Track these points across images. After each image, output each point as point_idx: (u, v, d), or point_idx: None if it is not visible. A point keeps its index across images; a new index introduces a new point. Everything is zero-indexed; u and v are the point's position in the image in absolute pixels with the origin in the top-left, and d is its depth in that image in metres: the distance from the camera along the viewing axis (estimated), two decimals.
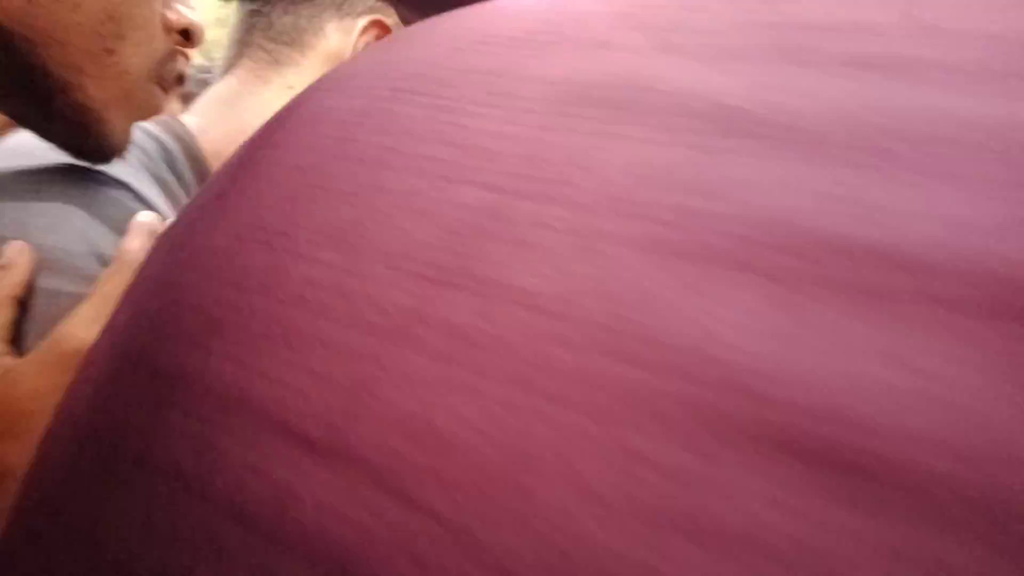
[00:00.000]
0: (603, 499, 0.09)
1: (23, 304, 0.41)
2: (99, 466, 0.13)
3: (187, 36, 0.48)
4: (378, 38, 0.62)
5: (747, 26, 0.15)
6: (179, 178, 0.55)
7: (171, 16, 0.46)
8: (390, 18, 0.63)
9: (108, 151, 0.46)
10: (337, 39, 0.61)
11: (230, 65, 0.62)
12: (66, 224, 0.42)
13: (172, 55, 0.47)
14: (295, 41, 0.60)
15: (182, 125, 0.57)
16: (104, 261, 0.43)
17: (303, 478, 0.11)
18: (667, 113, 0.13)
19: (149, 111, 0.47)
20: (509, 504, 0.10)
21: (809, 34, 0.14)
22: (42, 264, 0.41)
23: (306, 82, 0.54)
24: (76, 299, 0.41)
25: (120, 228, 0.44)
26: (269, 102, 0.57)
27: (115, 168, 0.48)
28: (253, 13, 0.63)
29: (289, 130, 0.17)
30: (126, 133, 0.46)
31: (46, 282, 0.41)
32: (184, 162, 0.55)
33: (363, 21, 0.62)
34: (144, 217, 0.44)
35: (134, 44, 0.43)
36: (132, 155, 0.51)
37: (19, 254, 0.41)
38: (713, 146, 0.12)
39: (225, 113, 0.59)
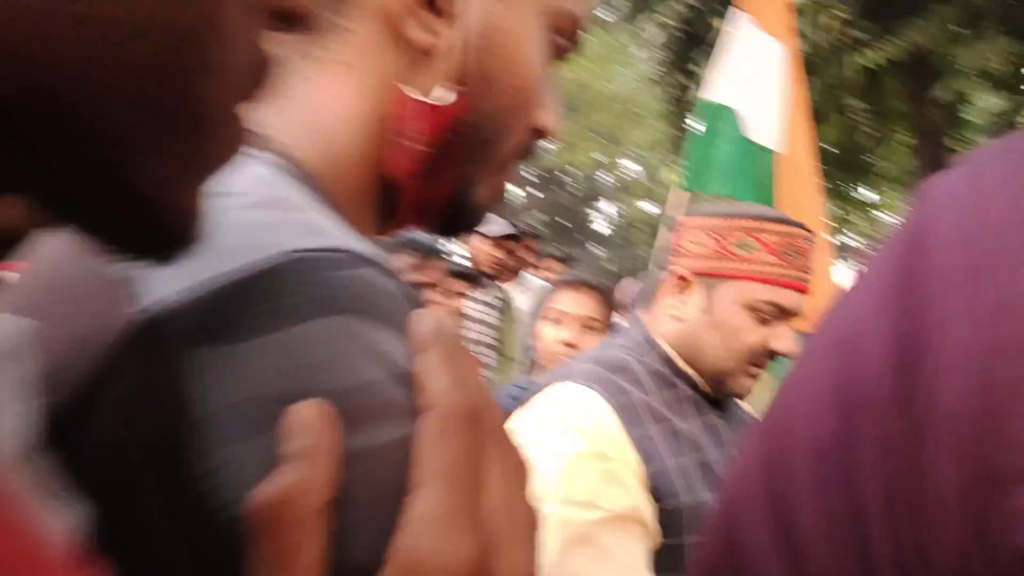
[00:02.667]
0: None
1: (341, 503, 0.26)
2: None
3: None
4: None
5: None
6: None
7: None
8: None
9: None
10: None
11: None
12: (350, 344, 0.29)
13: None
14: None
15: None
16: (408, 379, 0.30)
17: None
18: None
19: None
20: None
21: None
22: (345, 417, 0.27)
23: (361, 54, 0.43)
24: (403, 446, 0.28)
25: (399, 324, 0.31)
26: (324, 87, 0.42)
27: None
28: None
29: None
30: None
31: (356, 441, 0.27)
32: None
33: None
34: (424, 316, 0.32)
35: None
36: None
37: (314, 422, 0.26)
38: None
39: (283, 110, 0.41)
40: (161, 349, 0.28)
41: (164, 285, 0.29)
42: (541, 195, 16.69)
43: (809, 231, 1.06)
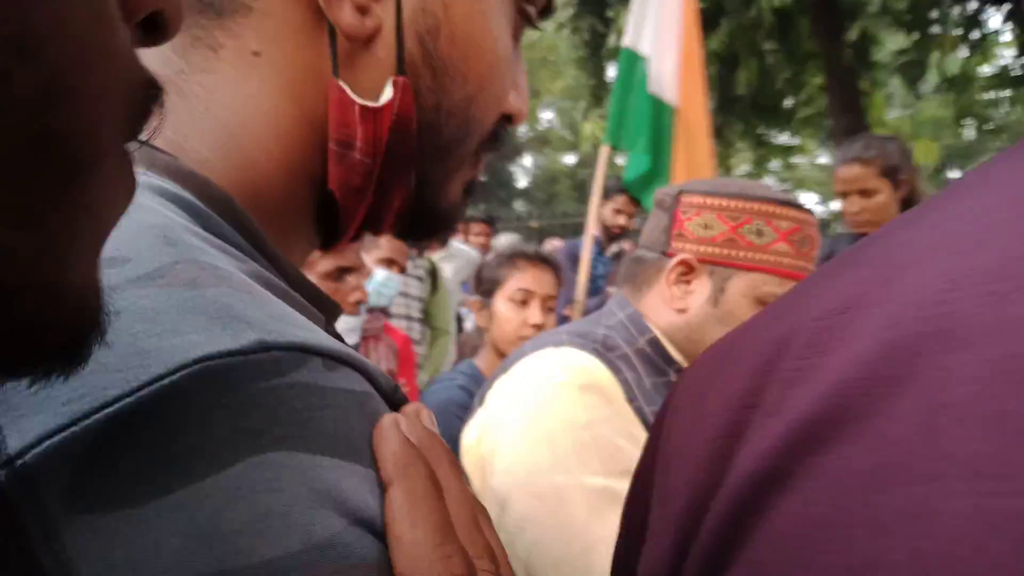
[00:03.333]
0: None
1: None
2: None
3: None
4: None
5: None
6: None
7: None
8: None
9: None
10: None
11: None
12: (289, 491, 0.22)
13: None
14: None
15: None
16: (376, 524, 0.24)
17: None
18: None
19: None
20: None
21: None
22: None
23: (276, 41, 0.35)
24: None
25: (354, 445, 0.25)
26: (231, 83, 0.34)
27: None
28: None
29: None
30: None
31: None
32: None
33: None
34: (390, 429, 0.26)
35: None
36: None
37: None
38: None
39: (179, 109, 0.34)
40: (17, 519, 0.20)
41: (25, 423, 0.20)
42: None
43: (815, 217, 0.95)
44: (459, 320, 3.53)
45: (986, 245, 0.24)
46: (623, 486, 0.70)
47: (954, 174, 12.50)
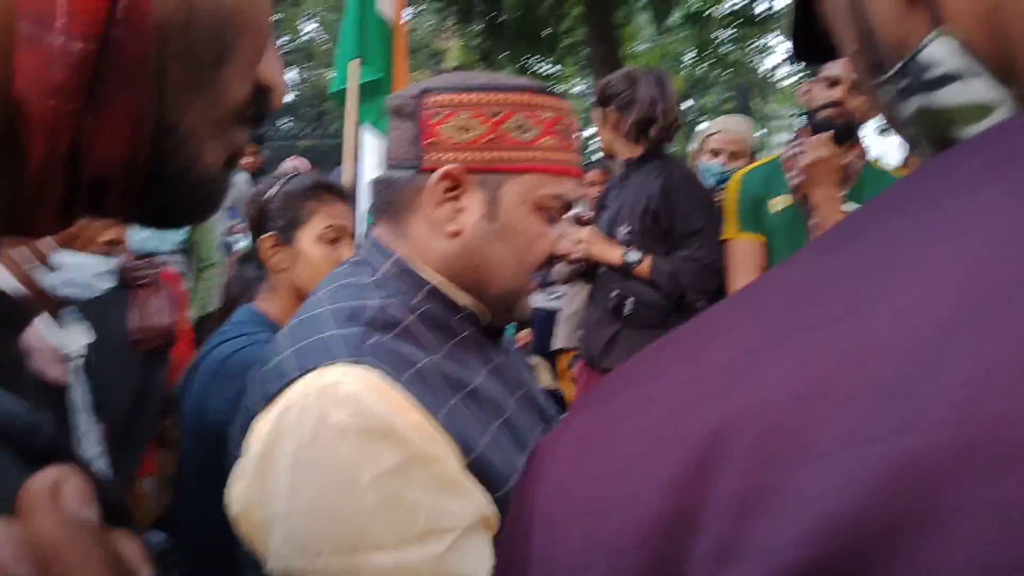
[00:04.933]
0: None
1: None
2: None
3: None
4: None
5: None
6: None
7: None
8: None
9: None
10: None
11: None
12: None
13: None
14: None
15: None
16: None
17: None
18: None
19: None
20: None
21: None
22: None
23: None
24: None
25: None
26: None
27: None
28: None
29: None
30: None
31: None
32: None
33: None
34: (39, 492, 0.22)
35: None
36: None
37: None
38: None
39: None
40: None
41: None
42: None
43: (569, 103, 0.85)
44: (228, 248, 3.34)
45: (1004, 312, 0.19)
46: (420, 552, 0.62)
47: (688, 103, 13.92)
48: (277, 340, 0.78)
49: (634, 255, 2.02)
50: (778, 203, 1.97)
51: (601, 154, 2.67)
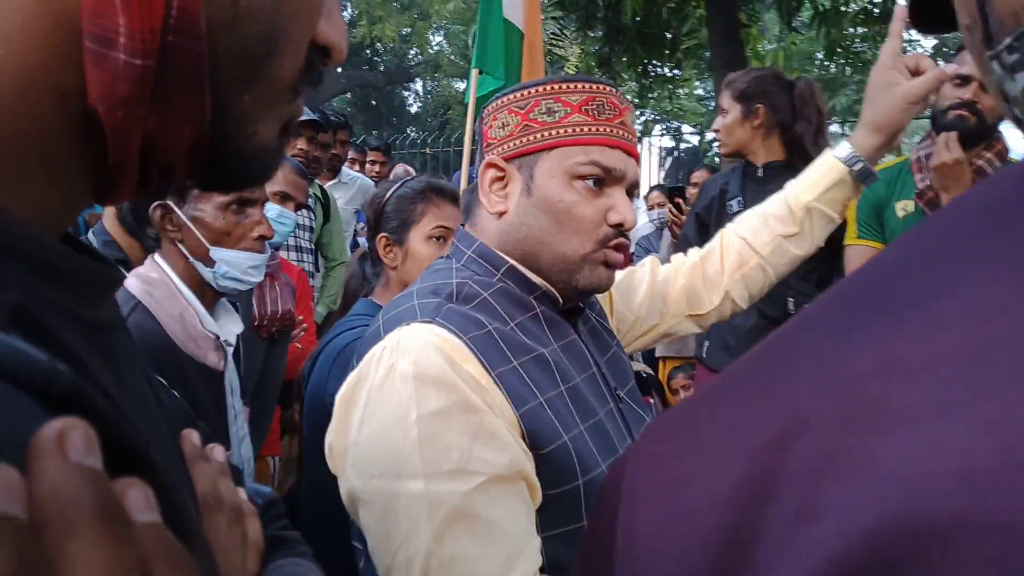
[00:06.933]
0: None
1: None
2: None
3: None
4: None
5: None
6: None
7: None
8: None
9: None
10: None
11: None
12: None
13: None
14: None
15: None
16: None
17: None
18: None
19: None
20: None
21: None
22: None
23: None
24: None
25: None
26: None
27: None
28: None
29: None
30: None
31: None
32: None
33: None
34: (48, 445, 0.23)
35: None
36: None
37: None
38: None
39: None
40: None
41: None
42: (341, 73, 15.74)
43: (617, 89, 0.93)
44: (356, 247, 3.54)
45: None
46: (448, 486, 0.72)
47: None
48: (377, 316, 0.91)
49: None
50: (905, 207, 1.88)
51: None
